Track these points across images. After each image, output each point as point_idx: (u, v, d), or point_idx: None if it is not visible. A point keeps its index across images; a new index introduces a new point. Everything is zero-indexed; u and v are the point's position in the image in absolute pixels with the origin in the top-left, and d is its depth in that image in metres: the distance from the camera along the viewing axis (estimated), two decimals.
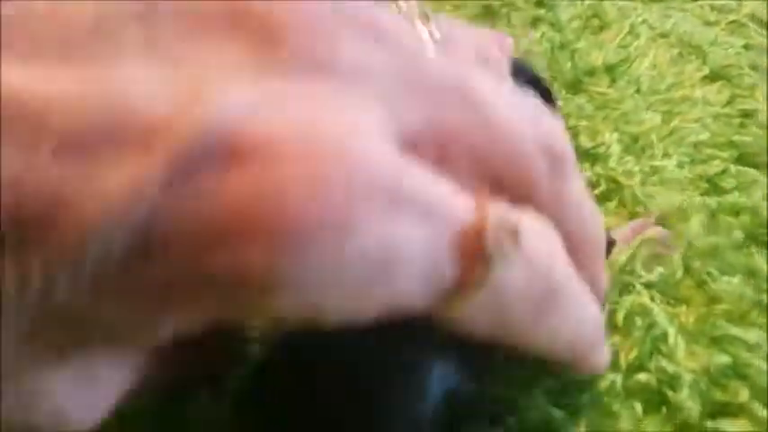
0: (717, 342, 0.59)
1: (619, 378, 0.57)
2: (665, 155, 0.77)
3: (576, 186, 0.36)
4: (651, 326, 0.60)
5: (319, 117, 0.25)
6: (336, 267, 0.24)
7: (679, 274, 0.65)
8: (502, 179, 0.32)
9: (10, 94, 0.21)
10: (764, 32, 1.05)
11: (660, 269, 0.65)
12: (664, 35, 1.00)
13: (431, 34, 0.33)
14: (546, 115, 0.36)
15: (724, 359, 0.58)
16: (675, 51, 0.97)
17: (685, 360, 0.59)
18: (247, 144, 0.23)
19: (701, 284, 0.65)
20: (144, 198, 0.22)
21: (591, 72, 0.91)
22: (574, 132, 0.79)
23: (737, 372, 0.57)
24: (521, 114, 0.34)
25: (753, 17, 1.08)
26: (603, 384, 0.57)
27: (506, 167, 0.32)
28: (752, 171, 0.75)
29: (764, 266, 0.66)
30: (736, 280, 0.64)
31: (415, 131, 0.29)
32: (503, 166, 0.32)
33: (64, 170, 0.21)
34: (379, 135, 0.27)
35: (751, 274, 0.66)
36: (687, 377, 0.57)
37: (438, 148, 0.30)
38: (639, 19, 1.02)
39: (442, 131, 0.30)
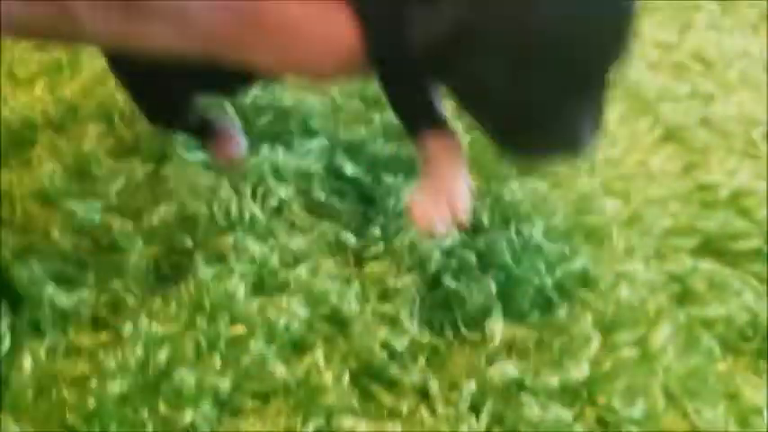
0: None
1: None
2: (629, 250, 0.74)
3: None
4: None
5: None
6: None
7: (661, 405, 0.62)
8: None
9: None
10: (709, 74, 1.02)
11: (641, 403, 0.62)
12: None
13: None
14: None
15: None
16: (624, 106, 0.94)
17: None
18: None
19: (685, 416, 0.62)
20: None
21: None
22: (528, 220, 0.75)
23: None
24: None
25: (696, 56, 1.05)
26: None
27: None
28: (723, 270, 0.72)
29: (745, 390, 0.64)
30: (719, 411, 0.62)
31: None
32: None
33: None
34: None
35: (732, 398, 0.63)
36: None
37: None
38: None
39: None
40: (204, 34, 0.53)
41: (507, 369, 0.63)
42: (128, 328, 0.62)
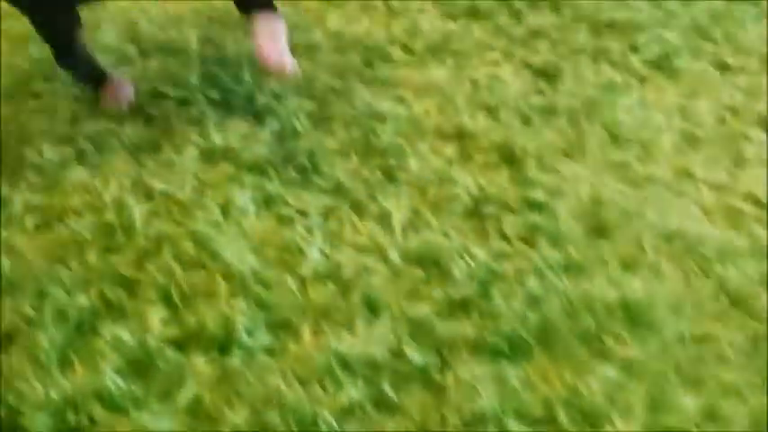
0: None
1: None
2: None
3: None
4: None
5: None
6: None
7: None
8: None
9: None
10: (764, 218, 1.01)
11: None
12: (668, 239, 0.95)
13: None
14: None
15: None
16: (684, 268, 0.92)
17: None
18: None
19: None
20: None
21: (609, 313, 0.85)
22: (606, 420, 0.74)
23: None
24: None
25: (749, 196, 1.04)
26: None
27: None
28: None
29: None
30: None
31: None
32: None
33: None
34: None
35: None
36: None
37: None
38: (641, 222, 0.97)
39: None
40: None
41: None
42: None
